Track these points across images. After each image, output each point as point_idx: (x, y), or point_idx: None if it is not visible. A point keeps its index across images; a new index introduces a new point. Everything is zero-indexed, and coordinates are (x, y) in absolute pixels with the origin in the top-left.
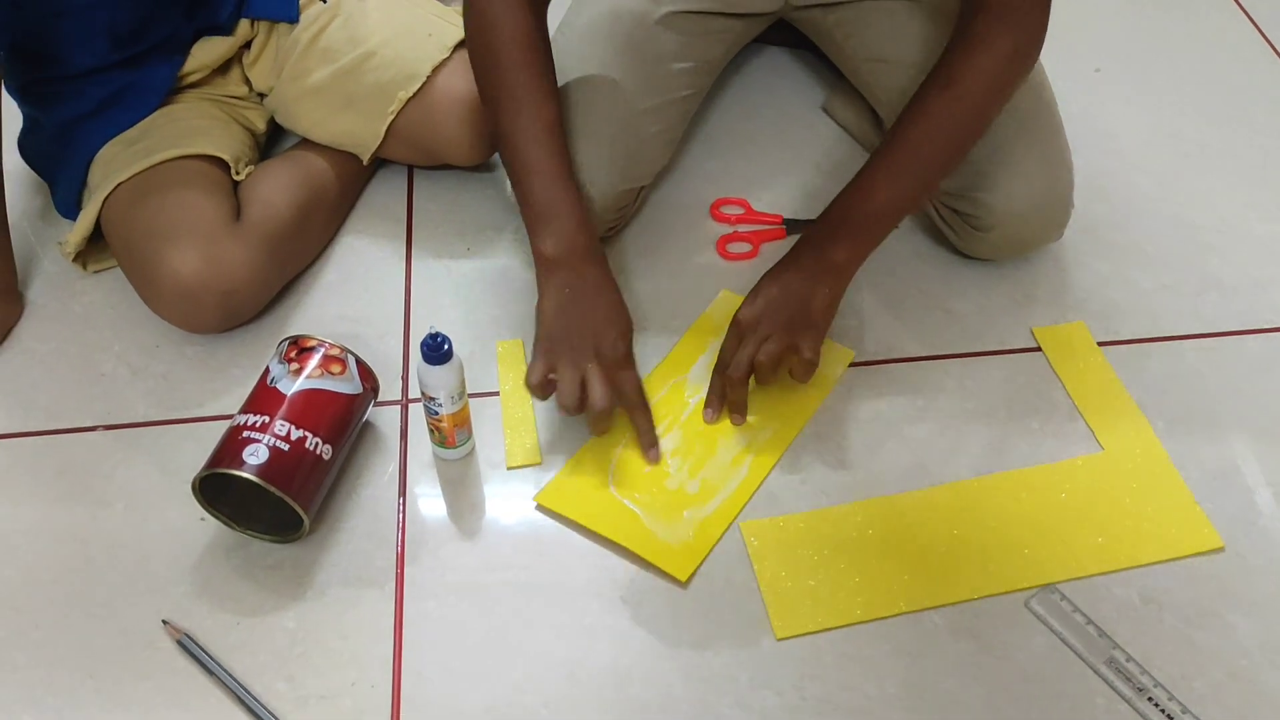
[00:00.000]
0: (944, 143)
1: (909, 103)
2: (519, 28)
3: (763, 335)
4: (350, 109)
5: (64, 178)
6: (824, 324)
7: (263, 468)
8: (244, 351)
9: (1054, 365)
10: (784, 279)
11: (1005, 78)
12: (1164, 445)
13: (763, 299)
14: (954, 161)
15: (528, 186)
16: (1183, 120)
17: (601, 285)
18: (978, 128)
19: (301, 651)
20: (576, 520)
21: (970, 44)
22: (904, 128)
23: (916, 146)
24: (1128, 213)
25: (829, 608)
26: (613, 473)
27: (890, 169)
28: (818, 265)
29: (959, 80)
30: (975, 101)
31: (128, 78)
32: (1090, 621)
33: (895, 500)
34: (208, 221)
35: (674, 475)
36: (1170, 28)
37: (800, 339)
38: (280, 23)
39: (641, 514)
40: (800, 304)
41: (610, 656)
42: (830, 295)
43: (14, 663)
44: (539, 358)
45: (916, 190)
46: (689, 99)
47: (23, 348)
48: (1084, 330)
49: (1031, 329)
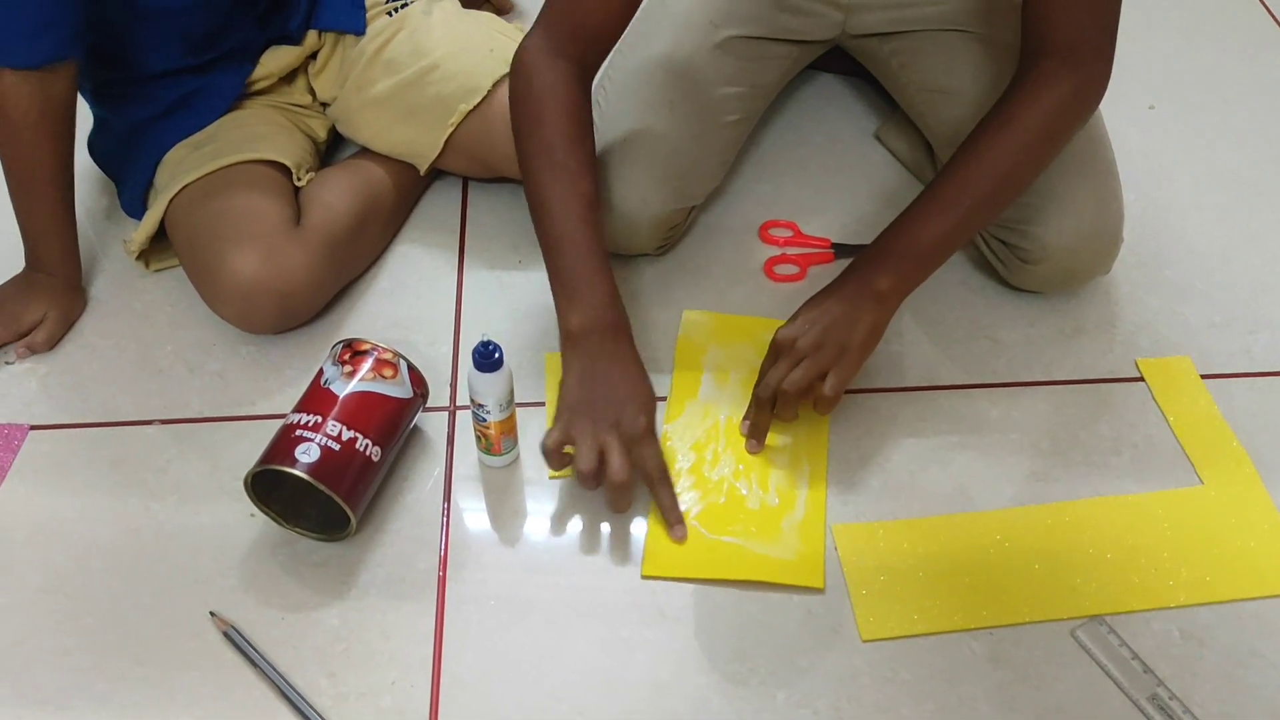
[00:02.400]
0: (999, 181)
1: (967, 138)
2: (568, 99)
3: (795, 359)
4: (411, 120)
5: (131, 178)
6: (860, 355)
7: (314, 466)
8: (297, 353)
9: (1156, 397)
10: (826, 304)
11: (1065, 121)
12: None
13: (802, 320)
14: (1007, 201)
15: (558, 259)
16: (1236, 158)
17: (625, 359)
18: (1034, 168)
19: (344, 649)
20: (692, 577)
21: (1033, 85)
22: (960, 163)
23: (971, 183)
24: (1180, 249)
25: (919, 614)
26: (697, 519)
27: (943, 203)
28: (862, 293)
29: (1018, 120)
30: (1033, 142)
31: (198, 83)
32: (1135, 656)
33: (984, 517)
34: (269, 225)
35: (750, 495)
36: (1224, 66)
37: (831, 368)
38: (347, 34)
39: (745, 544)
40: (839, 331)
41: (647, 668)
42: (871, 326)
43: (65, 648)
44: (557, 427)
45: (967, 226)
46: (742, 122)
47: (84, 341)
48: (1189, 364)
49: (1136, 360)
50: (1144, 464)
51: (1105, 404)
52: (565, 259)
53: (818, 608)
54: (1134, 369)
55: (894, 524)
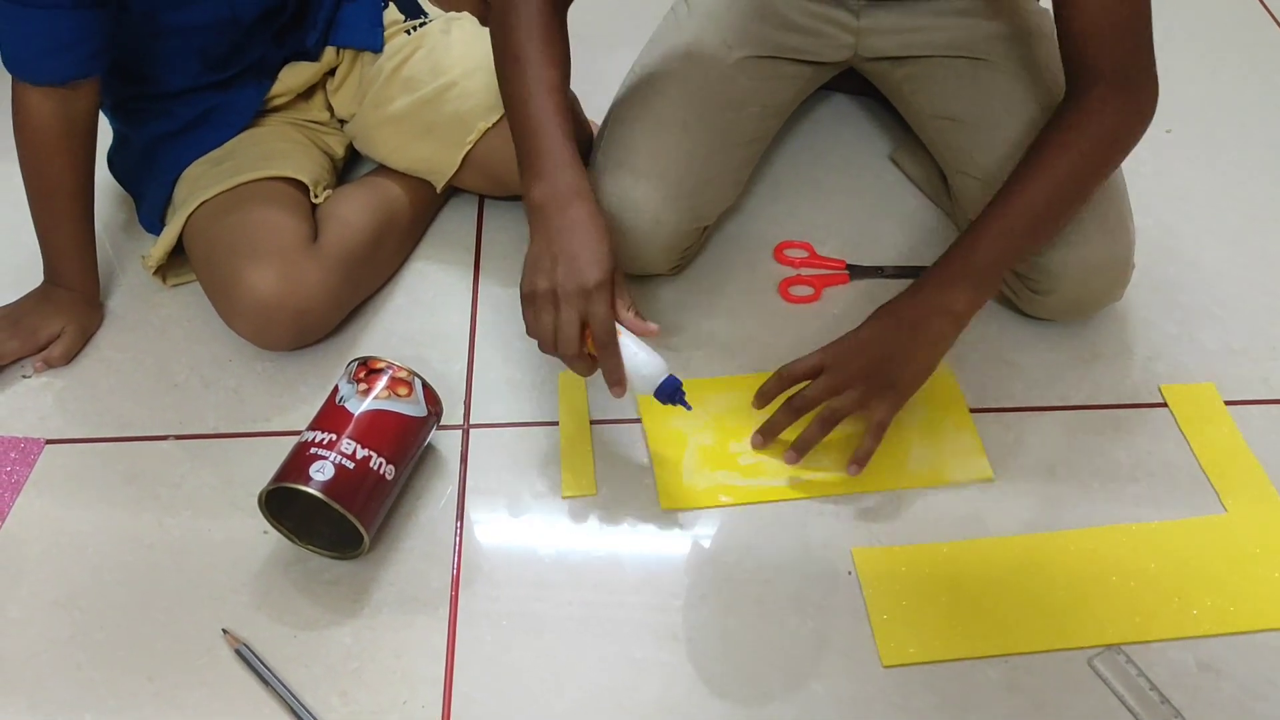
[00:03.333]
0: (1057, 205)
1: (1021, 162)
2: (537, 8)
3: (840, 381)
4: (429, 137)
5: (150, 193)
6: (907, 388)
7: (328, 484)
8: (312, 370)
9: (1180, 424)
10: (886, 324)
11: (1124, 144)
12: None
13: (859, 338)
14: (1062, 225)
15: (521, 143)
16: (1253, 183)
17: (582, 220)
18: (1090, 192)
19: (356, 667)
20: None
21: (1090, 110)
22: (1020, 187)
23: (1032, 206)
24: (1196, 274)
25: (940, 640)
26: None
27: (1005, 225)
28: (932, 313)
29: (1075, 145)
30: (1091, 166)
31: (217, 99)
32: (1153, 686)
33: (1004, 542)
34: (286, 242)
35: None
36: (1241, 90)
37: (875, 401)
38: (365, 52)
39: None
40: (892, 357)
41: (660, 690)
42: (929, 357)
43: (77, 662)
44: (523, 305)
45: (1026, 249)
46: (756, 142)
47: (101, 355)
48: (1213, 391)
49: (1160, 386)
50: (1163, 491)
51: (1123, 430)
52: (526, 140)
53: (832, 632)
54: (1151, 395)
55: (914, 548)
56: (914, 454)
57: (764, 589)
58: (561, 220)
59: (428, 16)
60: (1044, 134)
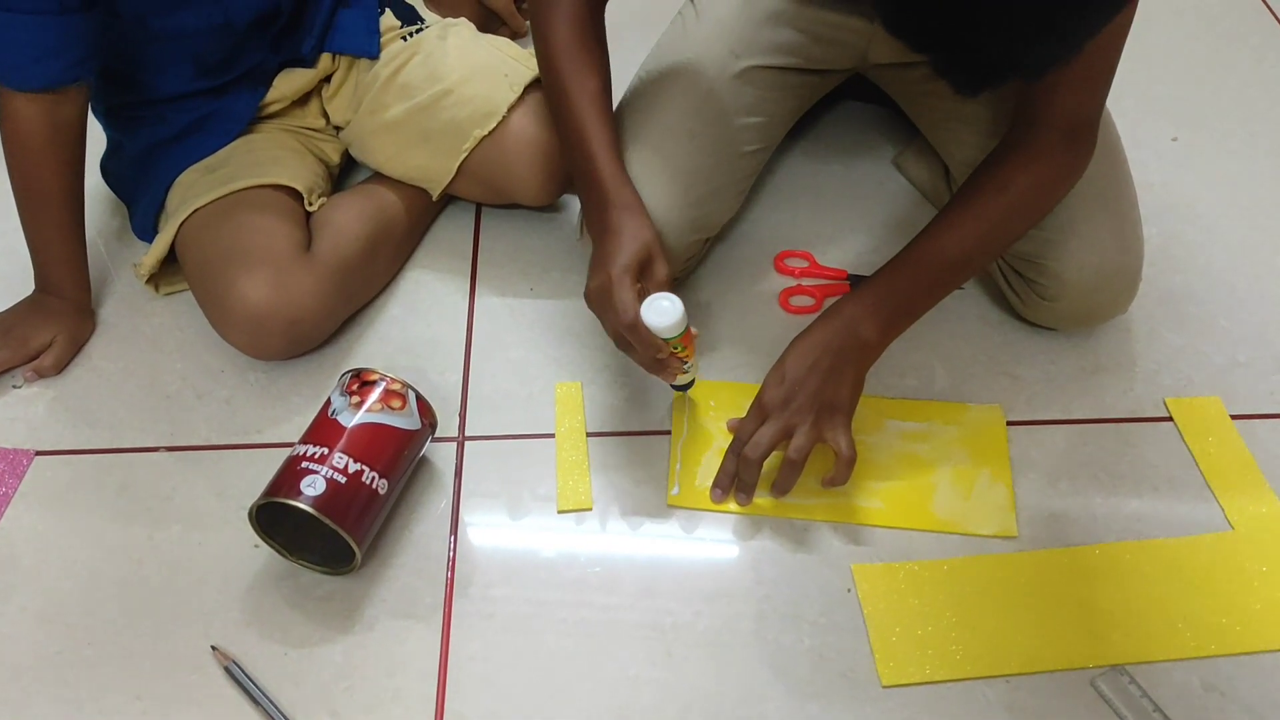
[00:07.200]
0: (988, 241)
1: (958, 193)
2: (574, 11)
3: (788, 420)
4: (425, 144)
5: (143, 201)
6: (850, 407)
7: (319, 500)
8: (305, 380)
9: (1186, 439)
10: (812, 357)
11: (1058, 193)
12: None
13: (790, 382)
14: (988, 260)
15: (570, 156)
16: (1261, 192)
17: (625, 225)
18: (1020, 234)
19: (347, 685)
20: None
21: (1034, 154)
22: (954, 219)
23: (964, 239)
24: (1203, 285)
25: (941, 660)
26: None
27: (934, 256)
28: (849, 344)
29: (1015, 185)
30: (1025, 208)
31: (211, 106)
32: (1157, 708)
33: (1005, 559)
34: (279, 250)
35: None
36: (1248, 98)
37: (827, 427)
38: (361, 58)
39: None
40: (829, 390)
41: (654, 708)
42: (856, 375)
43: (65, 679)
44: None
45: (952, 281)
46: (760, 152)
47: (92, 365)
48: (1219, 405)
49: (1165, 400)
50: (1167, 507)
51: (1127, 444)
52: (574, 155)
53: (829, 651)
54: (1156, 408)
55: (915, 565)
56: (940, 497)
57: (762, 605)
58: (607, 226)
59: (424, 23)
60: (982, 171)
